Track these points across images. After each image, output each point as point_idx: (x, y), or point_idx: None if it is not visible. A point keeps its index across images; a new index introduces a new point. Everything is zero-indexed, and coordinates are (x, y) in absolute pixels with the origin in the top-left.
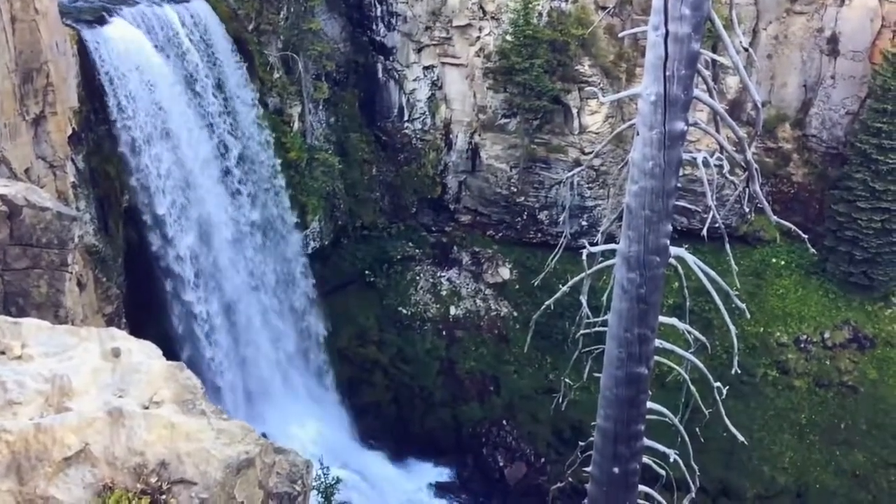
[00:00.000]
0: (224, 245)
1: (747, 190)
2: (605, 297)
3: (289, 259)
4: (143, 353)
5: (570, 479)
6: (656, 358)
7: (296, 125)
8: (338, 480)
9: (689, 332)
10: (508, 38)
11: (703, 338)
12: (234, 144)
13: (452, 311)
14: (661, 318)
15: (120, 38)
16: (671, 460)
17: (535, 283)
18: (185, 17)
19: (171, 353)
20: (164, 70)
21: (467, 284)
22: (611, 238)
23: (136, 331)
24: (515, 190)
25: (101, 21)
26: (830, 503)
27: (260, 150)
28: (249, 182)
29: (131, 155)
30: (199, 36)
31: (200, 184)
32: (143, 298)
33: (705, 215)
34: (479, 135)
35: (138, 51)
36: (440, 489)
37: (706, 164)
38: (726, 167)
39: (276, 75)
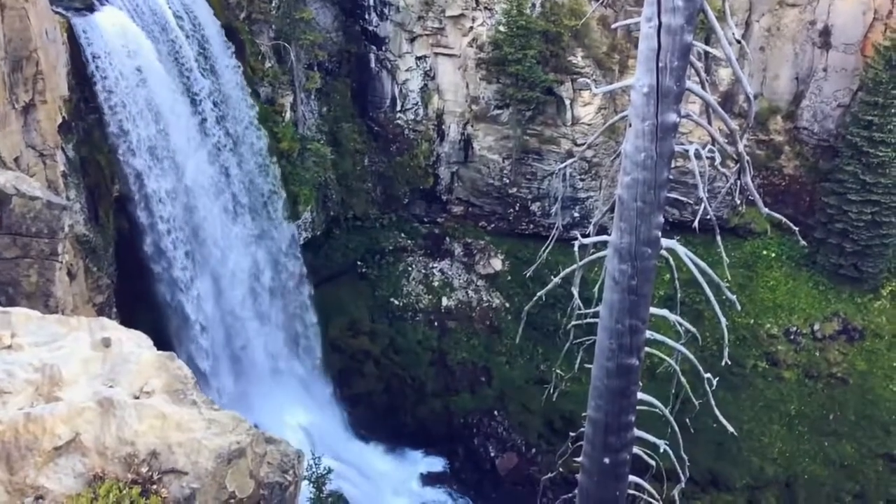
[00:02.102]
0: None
1: (739, 182)
2: (596, 289)
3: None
4: (134, 343)
5: (560, 469)
6: (647, 349)
7: (287, 115)
8: (329, 470)
9: (680, 324)
10: (501, 28)
11: (693, 329)
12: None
13: (444, 301)
14: (653, 310)
15: (110, 26)
16: (661, 451)
17: (527, 275)
18: (175, 5)
19: (162, 344)
20: (153, 58)
21: (459, 275)
22: (603, 229)
23: (127, 321)
24: (508, 181)
25: (91, 8)
26: (819, 493)
27: (253, 138)
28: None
29: (126, 150)
30: (189, 25)
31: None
32: (134, 289)
33: (697, 207)
34: (472, 125)
35: (128, 39)
36: (431, 479)
37: (698, 155)
38: (718, 159)
39: (267, 65)
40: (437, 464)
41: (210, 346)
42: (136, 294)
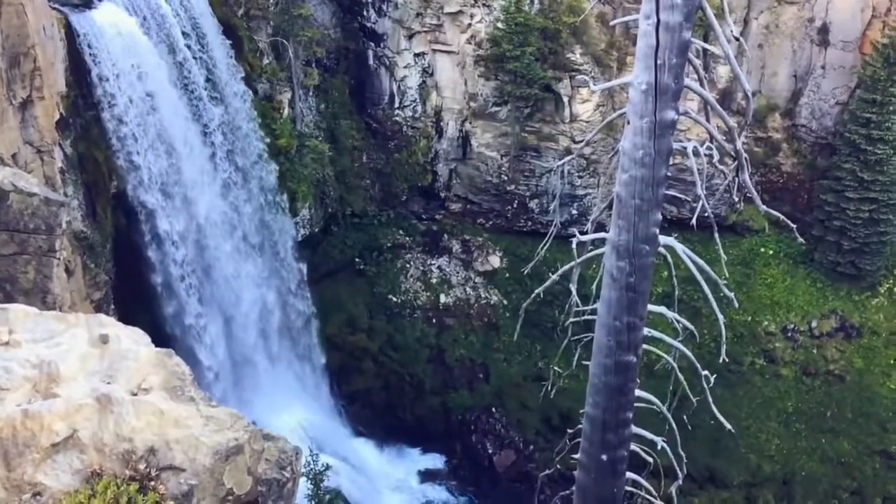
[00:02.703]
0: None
1: (737, 179)
2: (594, 286)
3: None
4: (132, 340)
5: (558, 466)
6: (645, 346)
7: (286, 112)
8: (327, 467)
9: (678, 321)
10: (500, 25)
11: (691, 326)
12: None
13: (442, 298)
14: (650, 307)
15: (108, 23)
16: (659, 448)
17: (525, 272)
18: (173, 1)
19: (160, 341)
20: (152, 54)
21: (457, 272)
22: (601, 227)
23: (125, 318)
24: (506, 178)
25: (89, 4)
26: (816, 490)
27: (251, 135)
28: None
29: (120, 146)
30: (187, 21)
31: (188, 169)
32: (131, 285)
33: (695, 204)
34: (470, 122)
35: (126, 35)
36: (429, 476)
37: (696, 153)
38: (716, 156)
39: (265, 61)
40: (435, 461)
41: (207, 341)
42: (134, 290)
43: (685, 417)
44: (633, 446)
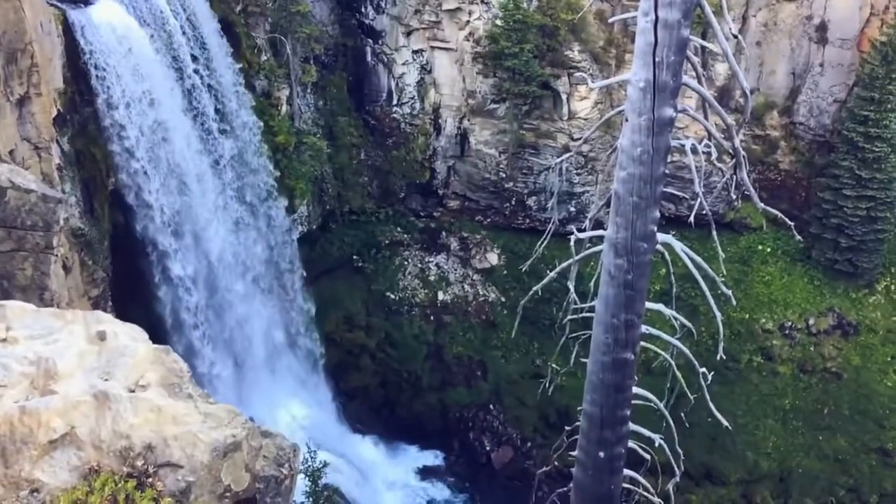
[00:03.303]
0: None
1: (734, 177)
2: (592, 283)
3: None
4: (129, 337)
5: (556, 463)
6: (642, 343)
7: (283, 108)
8: (325, 464)
9: (676, 318)
10: (498, 22)
11: (689, 324)
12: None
13: (440, 296)
14: (648, 304)
15: (106, 19)
16: (656, 445)
17: (523, 269)
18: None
19: (157, 338)
20: (150, 51)
21: (455, 270)
22: (599, 224)
23: (123, 314)
24: (504, 175)
25: (87, 1)
26: (812, 487)
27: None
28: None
29: (117, 140)
30: (185, 17)
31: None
32: (129, 282)
33: (693, 202)
34: (469, 120)
35: (125, 31)
36: (427, 473)
37: (694, 150)
38: (714, 154)
39: (263, 58)
40: (432, 458)
41: (203, 334)
42: (131, 287)
43: (683, 415)
44: (630, 443)
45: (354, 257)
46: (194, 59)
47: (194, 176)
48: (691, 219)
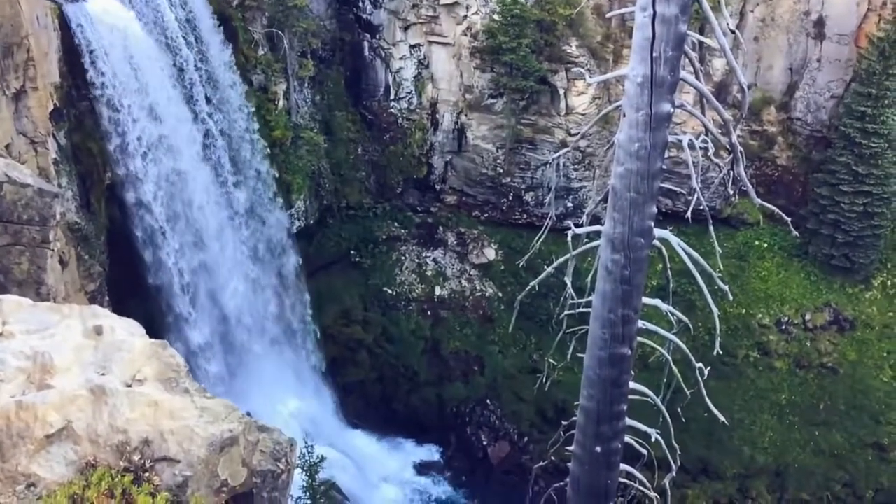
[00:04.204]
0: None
1: (732, 172)
2: (589, 279)
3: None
4: (126, 331)
5: (552, 457)
6: (639, 339)
7: (280, 103)
8: (322, 459)
9: (672, 314)
10: (496, 17)
11: (685, 319)
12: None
13: (437, 291)
14: (645, 300)
15: (102, 12)
16: (653, 440)
17: (521, 264)
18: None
19: (154, 332)
20: (147, 44)
21: (452, 265)
22: (596, 220)
23: (120, 309)
24: (501, 170)
25: None
26: (808, 482)
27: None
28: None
29: (115, 134)
30: (181, 10)
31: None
32: (126, 277)
33: (690, 197)
34: (466, 115)
35: (120, 25)
36: (424, 468)
37: (691, 146)
38: (711, 149)
39: (260, 52)
40: (429, 452)
41: (201, 328)
42: (128, 282)
43: (679, 409)
44: (627, 438)
45: (352, 252)
46: (190, 46)
47: (187, 157)
48: (688, 214)
